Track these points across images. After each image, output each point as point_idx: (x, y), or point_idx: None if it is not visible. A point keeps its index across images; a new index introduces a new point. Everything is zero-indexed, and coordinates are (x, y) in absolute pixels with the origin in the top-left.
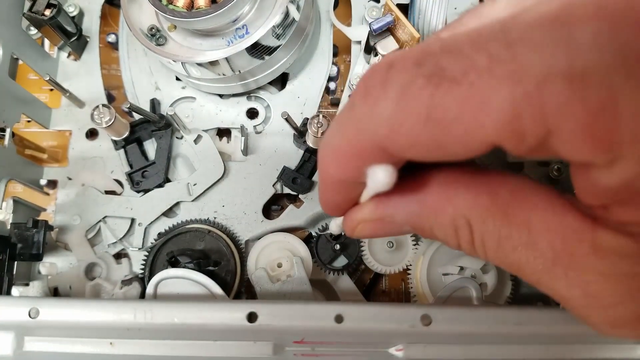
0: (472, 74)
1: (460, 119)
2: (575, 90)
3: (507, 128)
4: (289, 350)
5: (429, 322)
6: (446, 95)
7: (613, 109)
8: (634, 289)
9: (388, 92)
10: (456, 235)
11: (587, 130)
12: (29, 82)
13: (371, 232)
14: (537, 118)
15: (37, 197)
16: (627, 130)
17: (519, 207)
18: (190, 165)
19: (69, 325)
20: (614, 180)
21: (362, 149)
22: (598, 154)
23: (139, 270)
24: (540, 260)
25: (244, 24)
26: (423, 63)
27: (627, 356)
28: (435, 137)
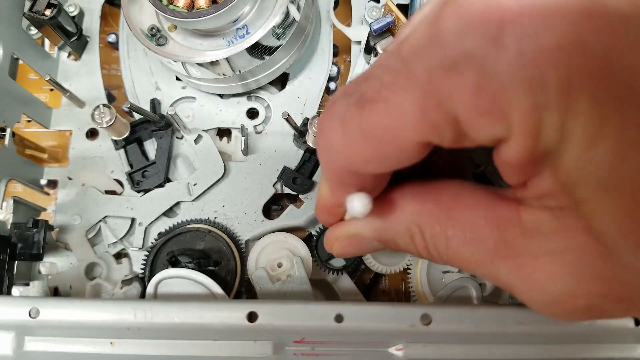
0: (384, 91)
1: (388, 130)
2: (453, 77)
3: (423, 126)
4: (289, 350)
5: (429, 321)
6: (370, 115)
7: (487, 86)
8: (560, 266)
9: (334, 124)
10: (413, 242)
11: (476, 108)
12: (29, 82)
13: (346, 249)
14: (439, 109)
15: (38, 197)
16: (506, 102)
17: (460, 208)
18: (191, 165)
19: (69, 325)
20: (515, 152)
21: (337, 174)
22: (493, 127)
23: (139, 270)
24: (484, 252)
25: (245, 24)
26: (350, 93)
27: (627, 355)
28: (377, 150)
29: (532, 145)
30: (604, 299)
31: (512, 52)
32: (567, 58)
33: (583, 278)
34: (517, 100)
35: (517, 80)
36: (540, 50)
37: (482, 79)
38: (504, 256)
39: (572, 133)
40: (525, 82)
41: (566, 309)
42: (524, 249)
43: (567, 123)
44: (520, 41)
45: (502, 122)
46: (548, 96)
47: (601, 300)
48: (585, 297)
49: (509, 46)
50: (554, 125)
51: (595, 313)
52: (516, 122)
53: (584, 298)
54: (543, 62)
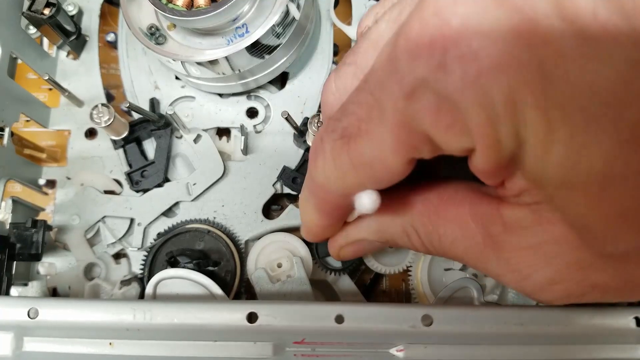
0: (362, 125)
1: (373, 156)
2: (415, 102)
3: (403, 149)
4: (289, 351)
5: (430, 322)
6: (356, 147)
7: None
8: (540, 257)
9: (326, 158)
10: (410, 240)
11: (440, 125)
12: (28, 81)
13: (352, 253)
14: (412, 132)
15: (36, 197)
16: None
17: (447, 207)
18: (190, 165)
19: (68, 326)
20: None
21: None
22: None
23: (138, 270)
24: (474, 247)
25: (244, 22)
26: (335, 129)
27: (628, 356)
28: (368, 175)
29: (496, 154)
30: (581, 284)
31: (457, 74)
32: (506, 75)
33: (560, 267)
34: (471, 116)
35: (467, 99)
36: (480, 70)
37: (439, 100)
38: (492, 250)
39: (527, 140)
40: (474, 100)
41: (549, 295)
42: (507, 243)
43: (520, 132)
44: (462, 64)
45: (465, 135)
46: (497, 110)
47: (578, 286)
48: (563, 284)
49: (454, 70)
50: (509, 135)
51: (573, 298)
52: (476, 135)
53: (562, 284)
54: (485, 81)
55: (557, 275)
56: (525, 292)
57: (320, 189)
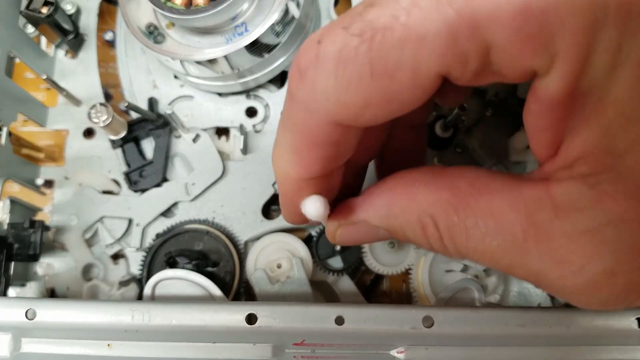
0: (401, 15)
1: (403, 61)
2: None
3: (449, 53)
4: (288, 353)
5: (431, 323)
6: (383, 44)
7: (539, 3)
8: (598, 243)
9: (323, 65)
10: (424, 233)
11: (519, 32)
12: (26, 80)
13: (350, 237)
14: (474, 34)
15: (34, 197)
16: (559, 21)
17: (479, 195)
18: (189, 165)
19: (66, 327)
20: (556, 85)
21: (315, 133)
22: (536, 56)
23: (136, 271)
24: (510, 241)
25: (243, 21)
26: (350, 24)
27: (630, 357)
28: (384, 89)
29: (578, 73)
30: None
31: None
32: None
33: (623, 253)
34: (571, 17)
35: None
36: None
37: (534, 2)
38: (535, 242)
39: (629, 56)
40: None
41: (605, 292)
42: (557, 230)
43: (624, 44)
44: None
45: (547, 49)
46: (607, 11)
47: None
48: (624, 274)
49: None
50: (609, 46)
51: (633, 294)
52: (565, 45)
53: (623, 275)
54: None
55: (619, 264)
56: (575, 289)
57: (304, 110)
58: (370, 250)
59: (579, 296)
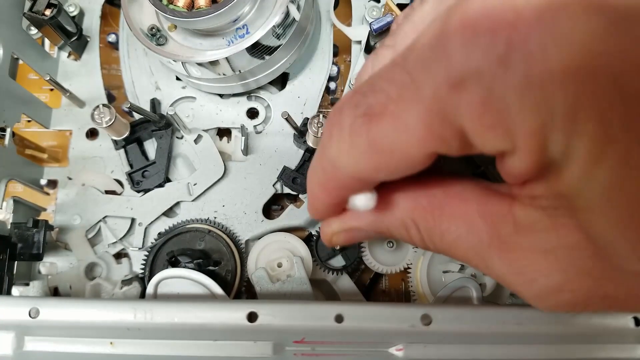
0: (390, 105)
1: (395, 143)
2: (460, 94)
3: (429, 139)
4: (289, 350)
5: (429, 321)
6: (378, 128)
7: (494, 105)
8: (551, 262)
9: (343, 133)
10: (408, 234)
11: (482, 124)
12: (29, 82)
13: (345, 240)
14: (445, 123)
15: (38, 197)
16: (512, 122)
17: (452, 202)
18: (191, 165)
19: (69, 325)
20: (519, 165)
21: (340, 181)
22: (499, 142)
23: (139, 270)
24: (478, 246)
25: (245, 23)
26: (357, 104)
27: (627, 356)
28: (385, 162)
29: (536, 160)
30: (589, 294)
31: (519, 74)
32: (576, 82)
33: (571, 274)
34: (522, 120)
35: (524, 102)
36: (548, 72)
37: (488, 97)
38: (497, 250)
39: (576, 152)
40: (531, 104)
41: (552, 302)
42: (516, 244)
43: (571, 143)
44: (527, 63)
45: (507, 138)
46: (554, 118)
47: (586, 295)
48: (571, 292)
49: (517, 67)
50: (559, 145)
51: (579, 307)
52: (521, 140)
53: (570, 293)
54: (550, 86)
55: (566, 282)
56: (527, 296)
57: (330, 164)
58: (369, 249)
59: (531, 301)
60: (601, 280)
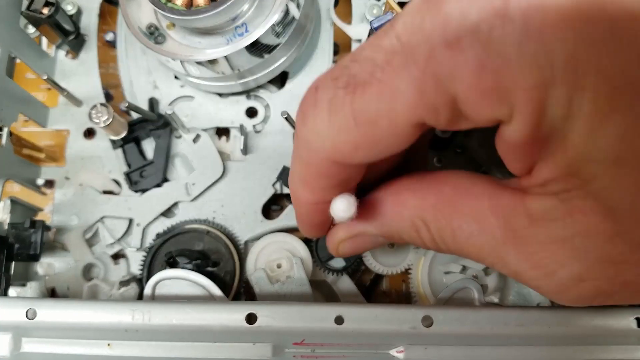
0: (377, 71)
1: (381, 112)
2: (456, 55)
3: (419, 106)
4: (288, 352)
5: (430, 323)
6: (363, 97)
7: (491, 64)
8: (569, 251)
9: (319, 110)
10: (419, 235)
11: (477, 87)
12: (27, 81)
13: (352, 249)
14: (438, 89)
15: (35, 197)
16: (511, 80)
17: (463, 199)
18: (189, 165)
19: (67, 327)
20: (518, 132)
21: (318, 167)
22: (495, 108)
23: (137, 271)
24: (492, 242)
25: (244, 22)
26: (338, 76)
27: (629, 357)
28: (369, 135)
29: (537, 123)
30: (612, 282)
31: (518, 25)
32: (573, 30)
33: (591, 262)
34: (522, 77)
35: (522, 55)
36: (546, 22)
37: (486, 56)
38: (513, 245)
39: (580, 108)
40: (530, 57)
41: (574, 293)
42: (531, 237)
43: (574, 98)
44: (525, 13)
45: (505, 102)
46: (554, 71)
47: (608, 283)
48: (593, 281)
49: (515, 19)
50: (561, 101)
51: (601, 297)
52: (520, 100)
53: (591, 281)
54: (549, 35)
55: (587, 271)
56: (548, 290)
57: (305, 149)
58: (370, 250)
59: (552, 295)
60: (623, 265)
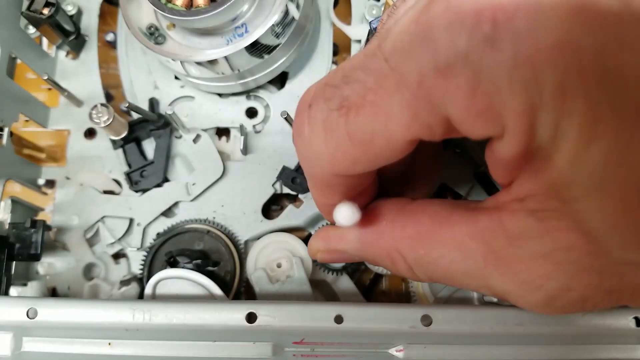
0: (369, 94)
1: (377, 132)
2: (447, 81)
3: (413, 126)
4: (288, 351)
5: (430, 322)
6: (357, 119)
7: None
8: (551, 265)
9: (314, 128)
10: (394, 265)
11: (470, 110)
12: (27, 81)
13: (330, 260)
14: (432, 110)
15: (35, 197)
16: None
17: (441, 228)
18: (189, 165)
19: (67, 326)
20: (508, 149)
21: (321, 178)
22: (488, 127)
23: (137, 270)
24: (474, 267)
25: (243, 22)
26: (331, 97)
27: (628, 356)
28: (365, 153)
29: (526, 143)
30: (596, 290)
31: (508, 52)
32: (563, 58)
33: (575, 272)
34: (511, 101)
35: (512, 82)
36: (536, 50)
37: (477, 81)
38: (495, 267)
39: (567, 133)
40: (520, 83)
41: (562, 303)
42: (512, 256)
43: (561, 124)
44: (515, 41)
45: (497, 122)
46: (543, 97)
47: (594, 291)
48: (578, 290)
49: (504, 46)
50: (549, 125)
51: (589, 304)
52: (510, 122)
53: (577, 291)
54: (539, 63)
55: (572, 281)
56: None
57: (309, 165)
58: None
59: (541, 308)
60: (604, 275)
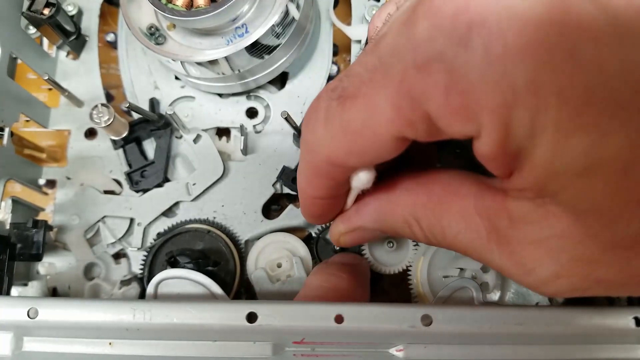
0: (363, 87)
1: (365, 125)
2: (425, 77)
3: (398, 122)
4: (288, 351)
5: (430, 322)
6: (350, 109)
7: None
8: (545, 251)
9: (319, 118)
10: (411, 231)
11: (447, 107)
12: (28, 81)
13: (352, 241)
14: (413, 106)
15: (36, 197)
16: (476, 102)
17: (451, 199)
18: (190, 165)
19: (68, 326)
20: (487, 147)
21: (318, 168)
22: (465, 125)
23: (138, 270)
24: (478, 240)
25: (244, 23)
26: (334, 88)
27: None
28: (356, 144)
29: (503, 140)
30: (585, 279)
31: (479, 52)
32: (533, 56)
33: (566, 261)
34: (485, 99)
35: (485, 80)
36: (506, 49)
37: (452, 79)
38: (496, 244)
39: (544, 129)
40: (492, 82)
41: (553, 288)
42: (512, 237)
43: (537, 119)
44: (486, 42)
45: (472, 120)
46: (516, 95)
47: (582, 280)
48: (568, 278)
49: (476, 47)
50: (524, 122)
51: (577, 292)
52: (486, 119)
53: (567, 278)
54: (509, 61)
55: (562, 269)
56: (528, 285)
57: (307, 150)
58: (369, 249)
59: (534, 289)
60: (595, 264)
